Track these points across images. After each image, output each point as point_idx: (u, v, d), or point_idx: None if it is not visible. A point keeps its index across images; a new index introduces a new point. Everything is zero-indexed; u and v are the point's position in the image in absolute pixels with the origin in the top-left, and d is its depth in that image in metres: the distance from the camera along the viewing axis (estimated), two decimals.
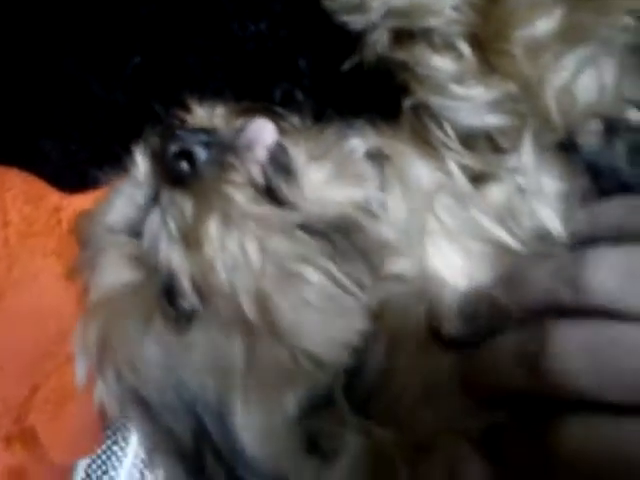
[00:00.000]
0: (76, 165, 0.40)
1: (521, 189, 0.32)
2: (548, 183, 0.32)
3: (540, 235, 0.31)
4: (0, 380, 0.39)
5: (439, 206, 0.32)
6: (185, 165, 0.31)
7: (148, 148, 0.34)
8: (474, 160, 0.34)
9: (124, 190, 0.35)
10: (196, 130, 0.32)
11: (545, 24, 0.31)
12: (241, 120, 0.32)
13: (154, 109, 0.35)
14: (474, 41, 0.32)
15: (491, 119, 0.33)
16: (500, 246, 0.31)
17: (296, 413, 0.31)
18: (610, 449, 0.24)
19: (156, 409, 0.33)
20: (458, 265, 0.31)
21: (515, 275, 0.28)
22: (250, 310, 0.30)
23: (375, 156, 0.34)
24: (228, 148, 0.31)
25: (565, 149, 0.33)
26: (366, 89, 0.35)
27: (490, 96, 0.32)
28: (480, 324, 0.28)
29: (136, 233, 0.33)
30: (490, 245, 0.31)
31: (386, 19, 0.34)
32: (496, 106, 0.33)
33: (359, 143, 0.34)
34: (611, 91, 0.33)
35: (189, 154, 0.31)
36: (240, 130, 0.32)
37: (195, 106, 0.33)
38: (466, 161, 0.34)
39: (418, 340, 0.30)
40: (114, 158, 0.35)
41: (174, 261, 0.31)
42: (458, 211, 0.32)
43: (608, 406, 0.24)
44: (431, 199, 0.33)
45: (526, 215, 0.31)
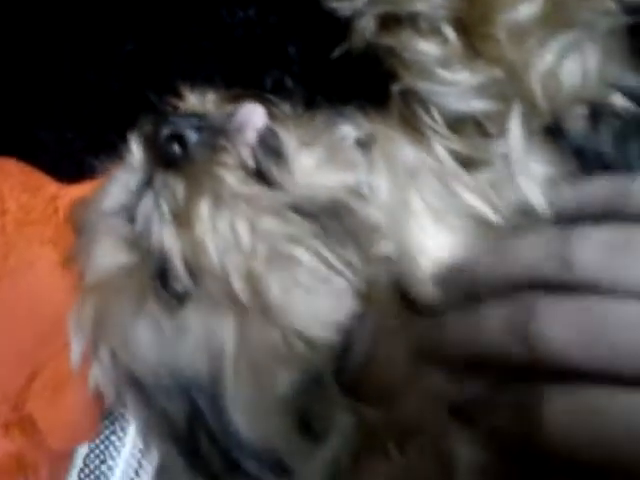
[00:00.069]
0: (72, 154, 0.41)
1: (508, 172, 0.33)
2: (535, 166, 0.33)
3: (524, 212, 0.31)
4: None
5: (425, 187, 0.33)
6: (177, 148, 0.31)
7: (141, 134, 0.35)
8: (462, 145, 0.34)
9: (119, 177, 0.36)
10: (188, 115, 0.33)
11: (528, 8, 0.31)
12: (232, 106, 0.33)
13: (148, 97, 0.35)
14: (459, 26, 0.32)
15: (478, 104, 0.33)
16: (484, 223, 0.31)
17: (287, 393, 0.31)
18: (598, 421, 0.24)
19: (150, 391, 0.33)
20: (442, 241, 0.31)
21: (500, 248, 0.28)
22: (241, 290, 0.30)
23: (365, 143, 0.35)
24: (219, 131, 0.32)
25: (552, 133, 0.34)
26: (355, 75, 0.36)
27: (476, 80, 0.32)
28: (459, 294, 0.29)
29: (130, 217, 0.34)
30: (474, 222, 0.31)
31: (373, 5, 0.34)
32: (482, 91, 0.33)
33: (349, 130, 0.35)
34: (595, 76, 0.33)
35: (181, 137, 0.31)
36: (231, 114, 0.32)
37: (187, 93, 0.34)
38: (454, 146, 0.34)
39: (400, 315, 0.30)
40: (110, 146, 0.36)
41: (166, 242, 0.31)
42: (443, 191, 0.32)
43: (596, 378, 0.24)
44: (417, 180, 0.33)
45: (511, 192, 0.31)
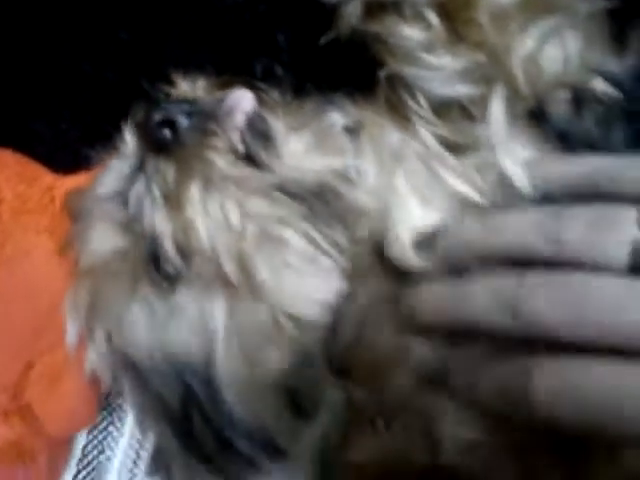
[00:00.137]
0: (68, 145, 0.41)
1: (493, 154, 0.33)
2: (518, 149, 0.33)
3: (508, 193, 0.31)
4: None
5: (411, 171, 0.33)
6: (168, 132, 0.32)
7: (134, 122, 0.35)
8: (447, 129, 0.34)
9: (113, 165, 0.37)
10: (179, 100, 0.33)
11: None
12: (222, 92, 0.34)
13: (142, 87, 0.36)
14: (442, 11, 0.33)
15: (462, 88, 0.34)
16: (471, 206, 0.31)
17: (278, 373, 0.32)
18: (581, 392, 0.24)
19: (145, 373, 0.34)
20: (429, 222, 0.31)
21: (488, 223, 0.29)
22: (231, 270, 0.31)
23: (353, 129, 0.35)
24: (209, 116, 0.32)
25: (536, 117, 0.34)
26: (343, 62, 0.36)
27: (459, 65, 0.33)
28: (445, 264, 0.29)
29: (124, 202, 0.34)
30: (461, 205, 0.31)
31: None
32: (466, 75, 0.33)
33: (337, 117, 0.35)
34: (576, 61, 0.33)
35: (172, 122, 0.32)
36: (221, 100, 0.33)
37: (178, 80, 0.35)
38: (440, 131, 0.34)
39: (387, 292, 0.31)
40: (105, 136, 0.37)
41: (158, 224, 0.32)
42: (430, 175, 0.32)
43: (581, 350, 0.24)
44: (404, 165, 0.33)
45: (495, 175, 0.31)
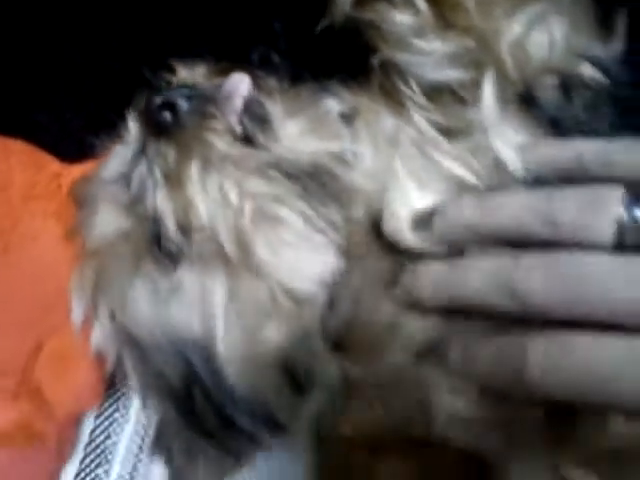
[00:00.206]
0: (72, 134, 0.42)
1: (485, 138, 0.34)
2: (510, 132, 0.33)
3: (502, 175, 0.31)
4: (3, 341, 0.40)
5: (407, 156, 0.34)
6: (168, 115, 0.33)
7: (136, 108, 0.37)
8: (440, 114, 0.35)
9: (117, 151, 0.38)
10: (179, 85, 0.34)
11: None
12: (221, 77, 0.35)
13: (145, 75, 0.37)
14: None
15: (452, 73, 0.34)
16: (466, 188, 0.32)
17: (276, 349, 0.33)
18: (573, 363, 0.25)
19: (147, 350, 0.35)
20: (426, 203, 0.32)
21: (484, 204, 0.30)
22: (230, 248, 0.32)
23: (348, 116, 0.36)
24: (208, 100, 0.33)
25: (526, 102, 0.35)
26: (338, 49, 0.37)
27: (449, 49, 0.34)
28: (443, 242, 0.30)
29: (127, 184, 0.35)
30: (456, 187, 0.32)
31: None
32: (456, 59, 0.34)
33: (333, 104, 0.36)
34: (562, 47, 0.34)
35: (172, 105, 0.33)
36: (220, 84, 0.34)
37: (179, 67, 0.36)
38: (432, 115, 0.35)
39: (383, 269, 0.32)
40: (109, 125, 0.38)
41: (159, 204, 0.33)
42: (425, 159, 0.33)
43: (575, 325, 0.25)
44: (399, 149, 0.34)
45: (489, 158, 0.32)
